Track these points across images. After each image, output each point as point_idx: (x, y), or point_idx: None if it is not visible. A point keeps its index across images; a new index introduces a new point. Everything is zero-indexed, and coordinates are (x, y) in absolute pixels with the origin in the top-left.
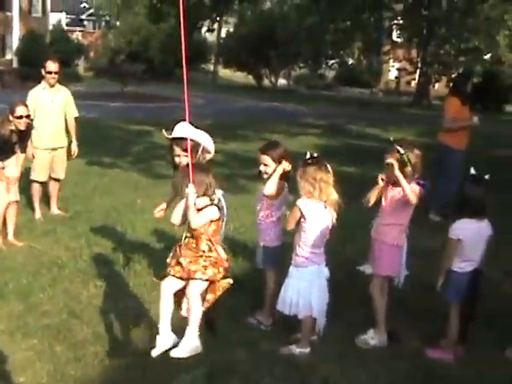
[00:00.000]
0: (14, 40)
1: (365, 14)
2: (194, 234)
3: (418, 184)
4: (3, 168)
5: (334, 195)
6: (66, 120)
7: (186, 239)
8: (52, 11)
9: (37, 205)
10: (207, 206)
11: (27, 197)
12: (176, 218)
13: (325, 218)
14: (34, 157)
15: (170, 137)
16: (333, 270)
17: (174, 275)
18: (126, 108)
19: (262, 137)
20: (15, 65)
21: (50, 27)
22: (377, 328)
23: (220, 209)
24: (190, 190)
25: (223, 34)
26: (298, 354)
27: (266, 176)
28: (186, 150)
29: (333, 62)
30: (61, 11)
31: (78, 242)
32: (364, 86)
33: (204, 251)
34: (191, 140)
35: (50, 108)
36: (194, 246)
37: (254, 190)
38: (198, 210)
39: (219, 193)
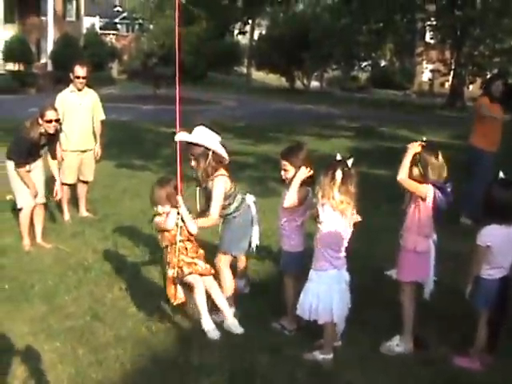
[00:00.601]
0: (49, 44)
1: (397, 16)
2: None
3: (437, 187)
4: (29, 171)
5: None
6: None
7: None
8: (86, 15)
9: (65, 207)
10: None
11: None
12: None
13: (343, 222)
14: (62, 159)
15: (177, 140)
16: (360, 274)
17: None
18: (158, 110)
19: (293, 139)
20: (50, 68)
21: (84, 31)
22: (403, 335)
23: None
24: (180, 201)
25: (256, 37)
26: (321, 360)
27: (287, 182)
28: (192, 155)
29: (365, 63)
30: (94, 15)
31: (106, 245)
32: (397, 88)
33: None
34: (201, 146)
35: (79, 111)
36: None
37: (278, 192)
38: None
39: (250, 198)
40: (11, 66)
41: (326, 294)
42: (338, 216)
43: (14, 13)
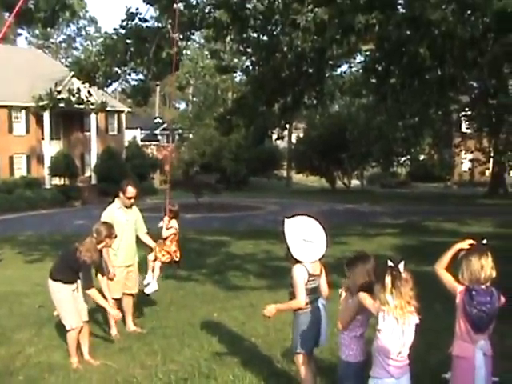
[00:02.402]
0: (93, 158)
1: (432, 109)
2: None
3: (468, 290)
4: (74, 290)
5: (413, 303)
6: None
7: None
8: (127, 128)
9: (112, 322)
10: None
11: (103, 314)
12: None
13: (400, 328)
14: (114, 275)
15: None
16: (417, 379)
17: None
18: (201, 218)
19: (338, 241)
20: (94, 181)
21: (126, 143)
22: None
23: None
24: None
25: (294, 140)
26: None
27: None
28: None
29: (404, 158)
30: (136, 128)
31: (154, 360)
32: (437, 181)
33: None
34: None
35: (126, 227)
36: None
37: (333, 298)
38: None
39: (321, 301)
40: (57, 181)
41: None
42: (394, 322)
43: (60, 130)
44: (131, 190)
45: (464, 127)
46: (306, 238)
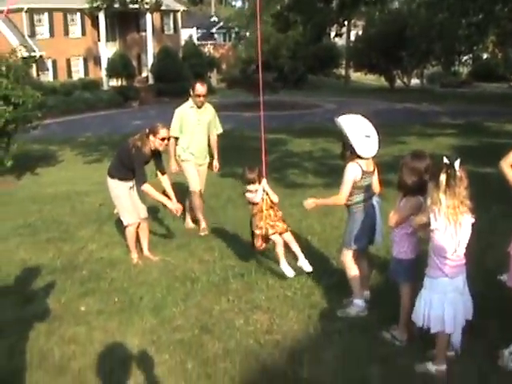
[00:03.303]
0: (149, 58)
1: (498, 6)
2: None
3: None
4: (131, 188)
5: (466, 203)
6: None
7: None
8: (183, 27)
9: (201, 216)
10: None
11: (163, 212)
12: None
13: (453, 228)
14: (180, 170)
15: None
16: (472, 280)
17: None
18: (259, 117)
19: (396, 140)
20: (151, 81)
21: (183, 43)
22: None
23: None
24: (264, 182)
25: (353, 38)
26: (434, 372)
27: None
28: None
29: (466, 57)
30: (192, 27)
31: (212, 255)
32: (501, 81)
33: None
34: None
35: (197, 127)
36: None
37: (390, 197)
38: None
39: (375, 199)
40: (114, 82)
41: (438, 302)
42: (447, 222)
43: (115, 31)
44: (199, 87)
45: None
46: (366, 133)
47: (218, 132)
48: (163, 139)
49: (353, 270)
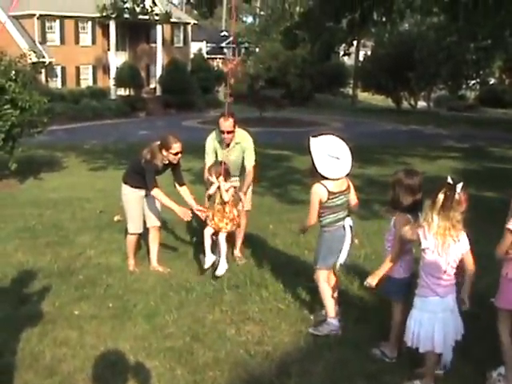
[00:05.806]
0: (158, 69)
1: (506, 32)
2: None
3: None
4: (146, 196)
5: (459, 227)
6: None
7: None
8: (193, 41)
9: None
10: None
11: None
12: None
13: (442, 249)
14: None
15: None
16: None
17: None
18: (265, 133)
19: (399, 161)
20: (158, 93)
21: (192, 56)
22: (507, 367)
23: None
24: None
25: (361, 57)
26: None
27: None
28: None
29: (473, 82)
30: (201, 40)
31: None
32: (507, 107)
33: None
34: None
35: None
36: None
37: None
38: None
39: (348, 221)
40: (122, 91)
41: (428, 321)
42: (436, 242)
43: (126, 41)
44: (222, 123)
45: None
46: (331, 153)
47: (249, 165)
48: (176, 154)
49: (326, 289)
